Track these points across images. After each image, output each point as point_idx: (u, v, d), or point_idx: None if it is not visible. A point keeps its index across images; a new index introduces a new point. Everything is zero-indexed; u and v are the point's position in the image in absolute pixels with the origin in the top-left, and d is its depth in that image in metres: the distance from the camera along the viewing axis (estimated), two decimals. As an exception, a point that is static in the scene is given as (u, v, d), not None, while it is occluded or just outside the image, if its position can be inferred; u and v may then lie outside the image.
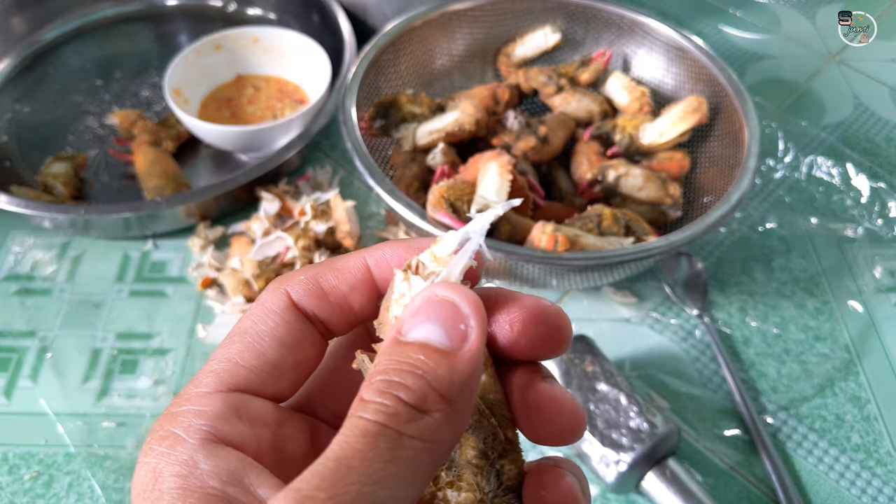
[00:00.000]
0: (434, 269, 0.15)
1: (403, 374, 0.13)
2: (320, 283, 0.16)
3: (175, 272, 0.51)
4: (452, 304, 0.14)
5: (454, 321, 0.14)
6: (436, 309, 0.14)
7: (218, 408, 0.14)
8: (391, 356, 0.14)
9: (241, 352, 0.15)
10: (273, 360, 0.15)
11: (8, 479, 0.41)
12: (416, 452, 0.13)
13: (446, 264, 0.15)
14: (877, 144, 0.61)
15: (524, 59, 0.59)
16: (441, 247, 0.16)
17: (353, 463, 0.12)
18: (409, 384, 0.13)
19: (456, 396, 0.13)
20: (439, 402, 0.13)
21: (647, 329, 0.48)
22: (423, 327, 0.14)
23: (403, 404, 0.13)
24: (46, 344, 0.47)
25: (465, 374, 0.14)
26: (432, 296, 0.14)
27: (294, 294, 0.16)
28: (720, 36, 0.72)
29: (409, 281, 0.15)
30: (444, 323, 0.14)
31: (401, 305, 0.15)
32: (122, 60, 0.67)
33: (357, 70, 0.51)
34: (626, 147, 0.52)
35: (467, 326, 0.14)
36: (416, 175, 0.50)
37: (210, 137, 0.56)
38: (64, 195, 0.53)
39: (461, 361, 0.13)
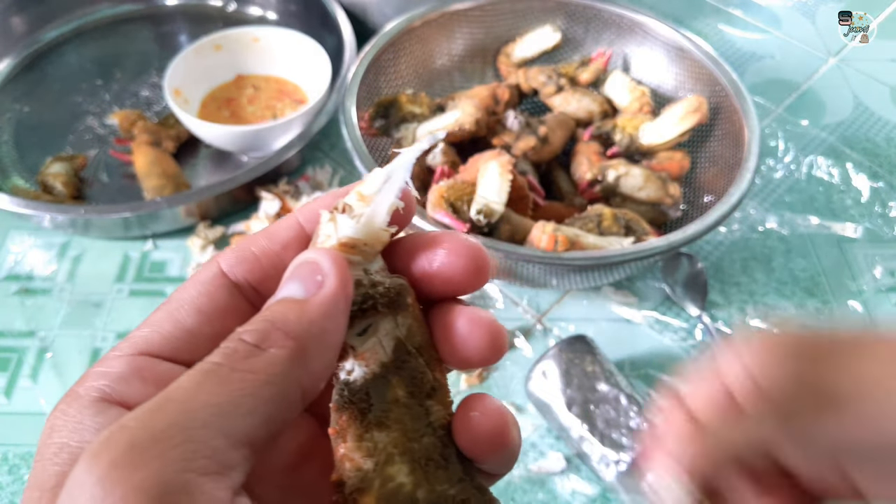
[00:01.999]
0: (359, 208, 0.16)
1: (253, 322, 0.14)
2: (251, 248, 0.17)
3: (175, 272, 0.51)
4: (313, 261, 0.15)
5: (311, 275, 0.15)
6: (299, 269, 0.15)
7: (121, 369, 0.15)
8: (257, 315, 0.15)
9: (159, 319, 0.16)
10: (189, 327, 0.16)
11: (8, 478, 0.41)
12: (249, 384, 0.13)
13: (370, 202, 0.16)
14: (877, 144, 0.61)
15: (524, 59, 0.59)
16: (366, 186, 0.16)
17: (181, 393, 0.13)
18: (254, 328, 0.14)
19: (303, 335, 0.14)
20: (283, 340, 0.14)
21: (647, 329, 0.48)
22: (286, 287, 0.15)
23: (243, 343, 0.14)
24: (46, 344, 0.47)
25: (314, 314, 0.14)
26: (301, 259, 0.15)
27: (224, 263, 0.17)
28: (720, 36, 0.72)
29: (334, 221, 0.16)
30: (303, 279, 0.15)
31: (326, 244, 0.16)
32: (122, 60, 0.67)
33: (357, 70, 0.51)
34: (626, 147, 0.52)
35: (324, 277, 0.15)
36: (415, 175, 0.50)
37: (210, 137, 0.56)
38: (64, 195, 0.53)
39: (312, 305, 0.14)
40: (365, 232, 0.16)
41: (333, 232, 0.16)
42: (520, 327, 0.48)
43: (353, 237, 0.16)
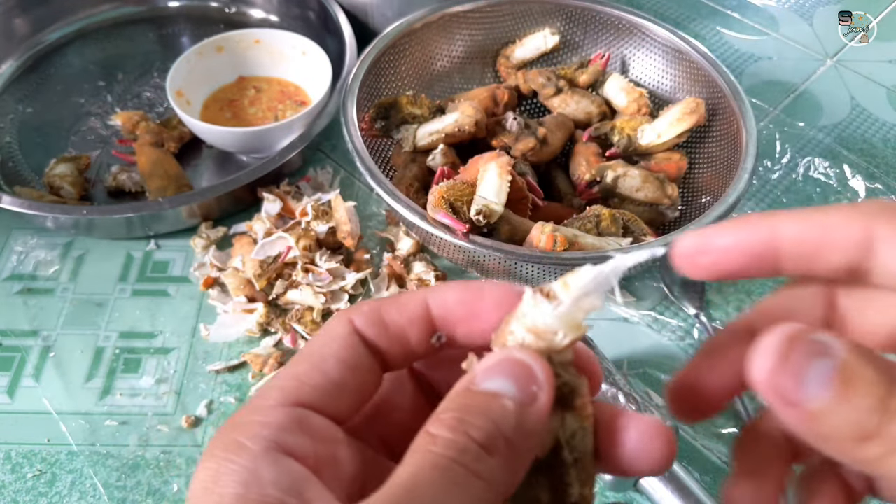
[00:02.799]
0: (563, 297, 0.15)
1: (474, 415, 0.14)
2: (382, 315, 0.17)
3: (177, 272, 0.51)
4: (528, 366, 0.15)
5: (526, 382, 0.15)
6: (511, 367, 0.15)
7: (282, 419, 0.15)
8: (463, 399, 0.15)
9: (306, 371, 0.16)
10: (335, 380, 0.16)
11: (11, 477, 0.41)
12: (479, 490, 0.14)
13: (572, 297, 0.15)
14: (873, 145, 0.62)
15: (523, 61, 0.60)
16: (575, 278, 0.16)
17: (423, 491, 0.13)
18: (480, 424, 0.14)
19: (519, 445, 0.14)
20: (504, 447, 0.14)
21: (645, 328, 0.49)
22: (496, 381, 0.15)
23: (473, 442, 0.14)
24: (49, 343, 0.47)
25: (530, 425, 0.15)
26: (510, 355, 0.15)
27: (357, 322, 0.17)
28: (718, 38, 0.72)
29: (536, 303, 0.16)
30: (516, 381, 0.15)
31: (520, 323, 0.16)
32: (124, 62, 0.67)
33: (358, 72, 0.51)
34: (625, 148, 0.53)
35: (538, 390, 0.15)
36: (416, 176, 0.50)
37: (212, 138, 0.56)
38: (72, 195, 0.54)
39: (531, 416, 0.15)
40: (561, 322, 0.15)
41: (531, 312, 0.16)
42: (519, 327, 0.48)
43: (549, 325, 0.15)
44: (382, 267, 0.50)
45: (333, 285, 0.48)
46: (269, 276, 0.47)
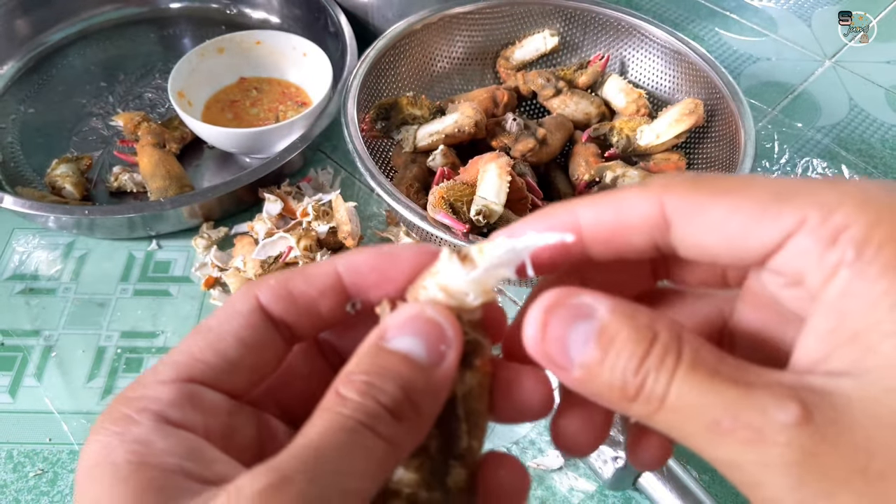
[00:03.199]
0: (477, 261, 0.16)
1: (384, 380, 0.14)
2: (289, 288, 0.17)
3: (179, 272, 0.51)
4: (438, 325, 0.15)
5: (435, 341, 0.15)
6: (421, 325, 0.15)
7: (172, 395, 0.15)
8: (373, 360, 0.15)
9: (201, 348, 0.16)
10: (231, 358, 0.16)
11: (13, 476, 0.41)
12: (384, 452, 0.14)
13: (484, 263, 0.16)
14: (872, 146, 0.62)
15: (523, 63, 0.60)
16: (490, 246, 0.16)
17: (330, 453, 0.13)
18: (389, 390, 0.14)
19: (425, 408, 0.15)
20: (410, 411, 0.14)
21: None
22: (406, 339, 0.15)
23: (382, 408, 0.14)
24: (51, 343, 0.47)
25: (436, 390, 0.15)
26: (421, 313, 0.15)
27: (263, 297, 0.17)
28: (716, 39, 0.73)
29: (451, 262, 0.16)
30: (426, 340, 0.15)
31: (434, 280, 0.16)
32: (126, 63, 0.67)
33: (358, 73, 0.52)
34: (624, 149, 0.53)
35: (447, 349, 0.15)
36: (416, 176, 0.50)
37: (213, 139, 0.56)
38: (74, 196, 0.54)
39: (435, 378, 0.15)
40: (472, 286, 0.16)
41: (445, 270, 0.16)
42: (519, 326, 0.48)
43: (462, 287, 0.16)
44: (383, 267, 0.50)
45: (334, 285, 0.48)
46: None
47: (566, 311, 0.14)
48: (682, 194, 0.15)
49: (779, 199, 0.14)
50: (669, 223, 0.15)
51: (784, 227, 0.14)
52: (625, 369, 0.14)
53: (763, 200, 0.14)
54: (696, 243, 0.15)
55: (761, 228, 0.14)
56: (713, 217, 0.15)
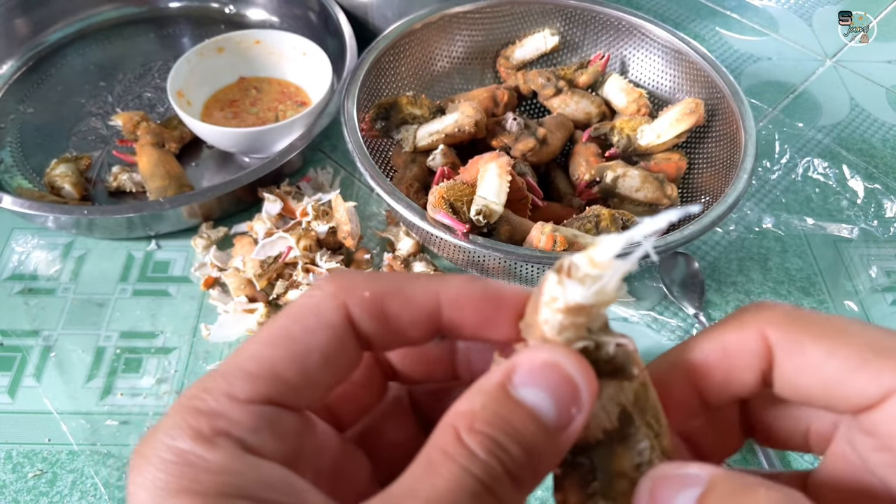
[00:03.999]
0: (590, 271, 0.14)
1: (510, 440, 0.13)
2: (384, 307, 0.15)
3: (178, 272, 0.51)
4: (573, 383, 0.14)
5: (568, 402, 0.14)
6: (555, 380, 0.14)
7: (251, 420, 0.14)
8: (499, 409, 0.14)
9: (284, 362, 0.14)
10: (314, 377, 0.15)
11: (12, 476, 0.41)
12: None
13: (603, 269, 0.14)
14: (872, 146, 0.62)
15: (523, 62, 0.60)
16: (599, 250, 0.14)
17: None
18: (515, 453, 0.13)
19: (542, 474, 0.14)
20: (531, 478, 0.14)
21: (644, 328, 0.49)
22: (536, 392, 0.14)
23: (506, 472, 0.13)
24: (50, 343, 0.47)
25: (557, 456, 0.14)
26: (556, 364, 0.14)
27: (355, 312, 0.15)
28: (717, 38, 0.73)
29: (563, 285, 0.14)
30: (557, 399, 0.14)
31: (551, 309, 0.15)
32: (125, 62, 0.67)
33: (358, 72, 0.52)
34: (624, 148, 0.53)
35: (577, 413, 0.14)
36: (416, 176, 0.50)
37: (213, 139, 0.56)
38: (73, 196, 0.54)
39: (560, 443, 0.14)
40: (596, 299, 0.14)
41: (561, 295, 0.14)
42: (519, 327, 0.48)
43: (586, 303, 0.14)
44: (383, 267, 0.50)
45: (334, 285, 0.48)
46: (270, 276, 0.48)
47: (671, 481, 0.14)
48: (782, 327, 0.15)
49: (879, 354, 0.14)
50: (773, 357, 0.15)
51: (883, 385, 0.14)
52: None
53: (863, 351, 0.14)
54: (795, 382, 0.15)
55: (860, 380, 0.14)
56: (812, 358, 0.15)
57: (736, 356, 0.16)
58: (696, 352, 0.16)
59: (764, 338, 0.16)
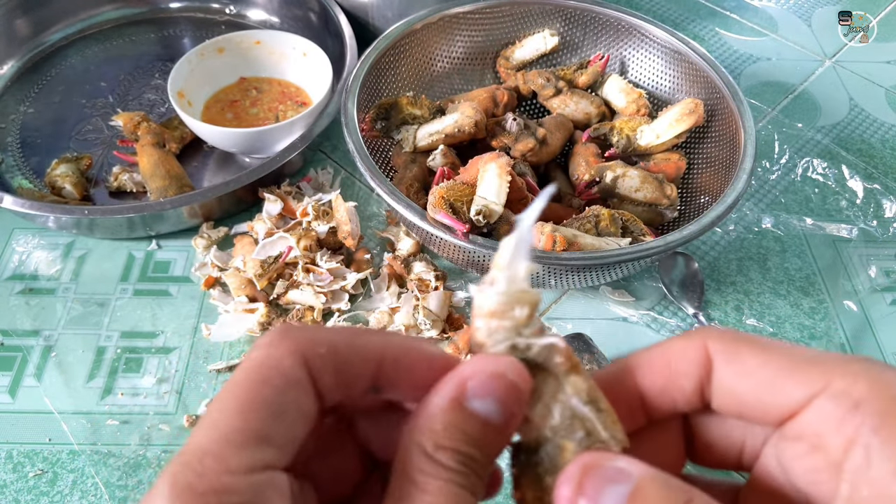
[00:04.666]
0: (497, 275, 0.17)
1: (472, 448, 0.16)
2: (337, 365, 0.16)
3: (179, 272, 0.51)
4: (517, 389, 0.16)
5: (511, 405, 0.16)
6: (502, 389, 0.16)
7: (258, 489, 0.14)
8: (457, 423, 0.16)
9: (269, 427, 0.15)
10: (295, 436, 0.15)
11: (12, 476, 0.41)
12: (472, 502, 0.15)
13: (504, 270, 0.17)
14: (871, 146, 0.62)
15: (523, 62, 0.60)
16: (500, 258, 0.17)
17: None
18: (478, 458, 0.16)
19: (495, 460, 0.16)
20: (489, 467, 0.16)
21: (644, 328, 0.49)
22: (486, 402, 0.16)
23: (475, 473, 0.16)
24: (51, 343, 0.47)
25: (506, 443, 0.17)
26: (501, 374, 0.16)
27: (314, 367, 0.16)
28: (716, 38, 0.73)
29: (483, 293, 0.17)
30: (503, 404, 0.16)
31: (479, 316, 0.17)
32: (125, 63, 0.67)
33: (358, 72, 0.52)
34: (624, 149, 0.53)
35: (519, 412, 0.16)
36: (416, 176, 0.50)
37: (213, 139, 0.56)
38: (74, 196, 0.54)
39: (506, 435, 0.16)
40: (508, 297, 0.16)
41: (484, 302, 0.17)
42: (519, 326, 0.48)
43: (499, 305, 0.16)
44: (383, 267, 0.51)
45: (334, 285, 0.48)
46: (270, 276, 0.48)
47: (602, 473, 0.15)
48: (723, 340, 0.17)
49: (808, 362, 0.16)
50: (712, 365, 0.17)
51: (810, 388, 0.15)
52: None
53: (794, 360, 0.16)
54: (731, 389, 0.17)
55: (789, 384, 0.16)
56: (748, 365, 0.16)
57: (677, 362, 0.17)
58: (642, 357, 0.18)
59: (705, 348, 0.17)
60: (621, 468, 0.15)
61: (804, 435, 0.16)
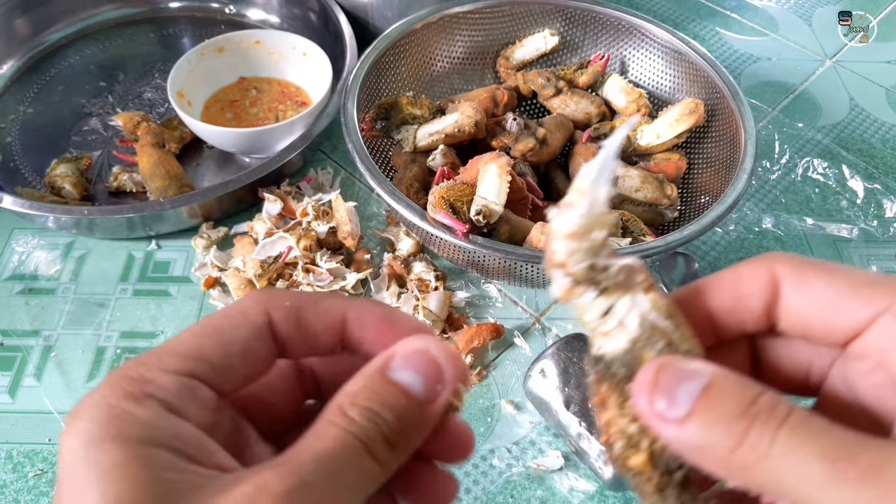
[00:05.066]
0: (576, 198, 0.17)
1: (385, 409, 0.16)
2: (300, 316, 0.18)
3: (179, 272, 0.51)
4: (438, 365, 0.17)
5: (434, 380, 0.17)
6: (424, 364, 0.17)
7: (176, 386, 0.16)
8: (376, 388, 0.17)
9: (209, 348, 0.17)
10: (233, 364, 0.17)
11: (12, 476, 0.41)
12: (376, 472, 0.16)
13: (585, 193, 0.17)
14: (872, 146, 0.62)
15: (523, 62, 0.60)
16: (581, 181, 0.17)
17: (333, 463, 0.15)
18: (390, 421, 0.16)
19: (413, 440, 0.17)
20: (403, 441, 0.16)
21: (644, 328, 0.49)
22: (408, 374, 0.17)
23: (383, 437, 0.16)
24: (51, 343, 0.47)
25: (427, 424, 0.17)
26: (425, 350, 0.17)
27: (275, 316, 0.18)
28: (717, 38, 0.73)
29: (562, 216, 0.18)
30: (425, 378, 0.17)
31: (557, 239, 0.18)
32: (125, 62, 0.67)
33: (358, 72, 0.52)
34: (624, 148, 0.53)
35: (442, 389, 0.17)
36: (416, 176, 0.50)
37: (213, 139, 0.56)
38: (73, 196, 0.54)
39: (429, 416, 0.17)
40: (588, 220, 0.17)
41: (561, 226, 0.17)
42: (518, 326, 0.48)
43: (580, 225, 0.17)
44: (383, 267, 0.50)
45: (334, 285, 0.48)
46: (270, 277, 0.48)
47: (677, 370, 0.16)
48: (790, 264, 0.17)
49: (872, 283, 0.16)
50: (779, 287, 0.17)
51: (874, 308, 0.16)
52: (730, 416, 0.15)
53: (858, 282, 0.16)
54: (798, 310, 0.17)
55: (854, 304, 0.16)
56: (814, 287, 0.17)
57: (746, 284, 0.18)
58: (712, 280, 0.19)
59: (772, 271, 0.18)
60: (695, 366, 0.16)
61: (868, 353, 0.16)
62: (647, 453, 0.16)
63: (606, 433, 0.17)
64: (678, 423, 0.15)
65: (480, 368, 0.46)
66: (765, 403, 0.15)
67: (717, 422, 0.15)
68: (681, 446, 0.15)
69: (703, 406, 0.15)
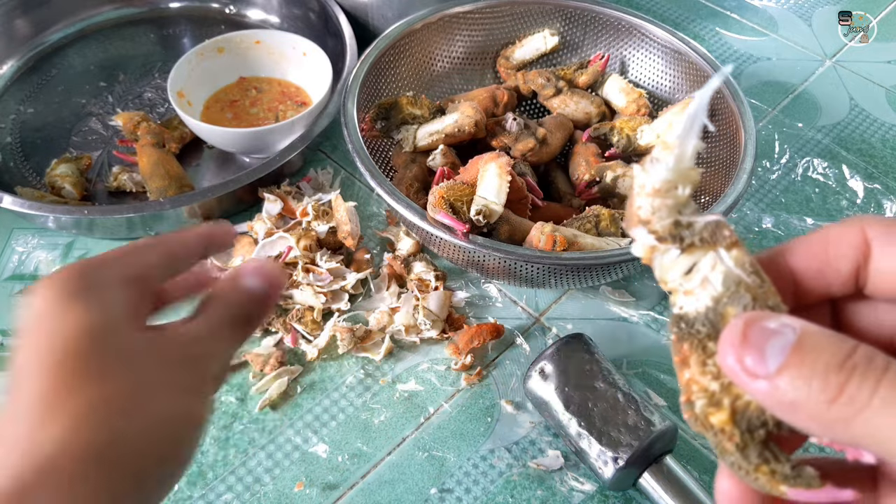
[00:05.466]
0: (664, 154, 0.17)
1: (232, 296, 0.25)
2: None
3: (178, 272, 0.51)
4: (270, 274, 0.26)
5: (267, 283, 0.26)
6: (261, 273, 0.26)
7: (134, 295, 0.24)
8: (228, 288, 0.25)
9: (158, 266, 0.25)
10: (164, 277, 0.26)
11: (13, 476, 0.41)
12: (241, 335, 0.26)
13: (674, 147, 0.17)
14: (872, 146, 0.62)
15: (523, 62, 0.60)
16: (670, 135, 0.17)
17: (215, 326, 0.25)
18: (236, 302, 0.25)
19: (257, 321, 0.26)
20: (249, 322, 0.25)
21: (644, 328, 0.49)
22: (250, 278, 0.26)
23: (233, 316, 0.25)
24: (51, 343, 0.47)
25: (267, 311, 0.26)
26: (262, 265, 0.26)
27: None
28: (717, 38, 0.73)
29: (647, 172, 0.17)
30: (262, 281, 0.26)
31: (642, 196, 0.18)
32: (125, 62, 0.67)
33: (358, 72, 0.52)
34: (624, 148, 0.53)
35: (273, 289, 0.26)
36: (416, 176, 0.50)
37: (213, 139, 0.56)
38: (74, 196, 0.54)
39: (267, 303, 0.26)
40: (675, 173, 0.17)
41: (647, 180, 0.17)
42: (519, 326, 0.48)
43: (666, 181, 0.17)
44: (383, 267, 0.50)
45: (334, 285, 0.48)
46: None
47: (766, 326, 0.15)
48: (882, 225, 0.17)
49: None
50: (870, 249, 0.17)
51: None
52: (826, 369, 0.14)
53: None
54: (889, 272, 0.17)
55: None
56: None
57: (835, 245, 0.17)
58: (798, 241, 0.18)
59: (863, 232, 0.17)
60: (784, 320, 0.15)
61: None
62: (728, 411, 0.16)
63: (687, 392, 0.17)
64: (769, 378, 0.15)
65: (480, 368, 0.46)
66: (861, 356, 0.14)
67: (812, 375, 0.14)
68: (772, 402, 0.15)
69: (797, 360, 0.14)
